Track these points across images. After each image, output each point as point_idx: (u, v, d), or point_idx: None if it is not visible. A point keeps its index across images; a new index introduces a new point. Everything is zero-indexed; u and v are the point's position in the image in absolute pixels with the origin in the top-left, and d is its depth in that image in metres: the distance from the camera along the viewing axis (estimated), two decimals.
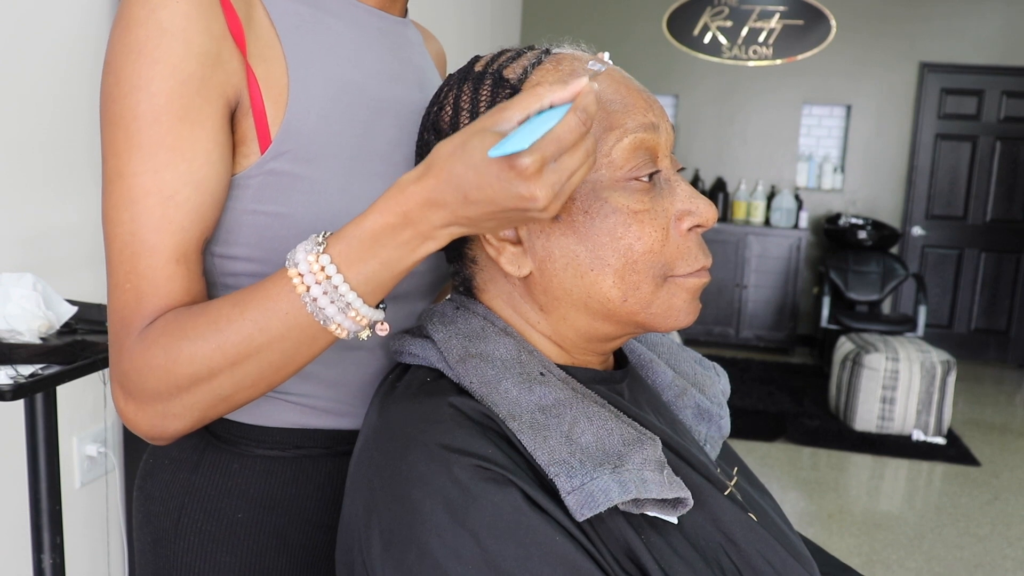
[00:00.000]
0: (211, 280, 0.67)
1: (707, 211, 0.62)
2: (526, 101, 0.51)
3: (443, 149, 0.53)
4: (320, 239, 0.55)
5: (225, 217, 0.65)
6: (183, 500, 0.71)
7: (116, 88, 0.58)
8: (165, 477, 0.72)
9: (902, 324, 4.66)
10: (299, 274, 0.55)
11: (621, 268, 0.60)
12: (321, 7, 0.69)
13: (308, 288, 0.55)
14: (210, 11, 0.59)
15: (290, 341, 0.57)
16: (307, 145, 0.64)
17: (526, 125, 0.50)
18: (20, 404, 1.12)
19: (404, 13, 0.79)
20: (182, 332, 0.57)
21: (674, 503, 0.57)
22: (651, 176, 0.61)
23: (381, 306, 0.60)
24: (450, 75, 0.67)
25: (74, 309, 1.09)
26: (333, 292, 0.55)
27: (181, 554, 0.71)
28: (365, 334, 0.59)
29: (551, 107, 0.51)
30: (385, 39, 0.73)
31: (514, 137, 0.48)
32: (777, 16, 5.38)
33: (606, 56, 0.67)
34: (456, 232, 0.55)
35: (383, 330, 0.60)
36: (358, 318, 0.56)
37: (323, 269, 0.54)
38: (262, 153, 0.63)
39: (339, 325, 0.56)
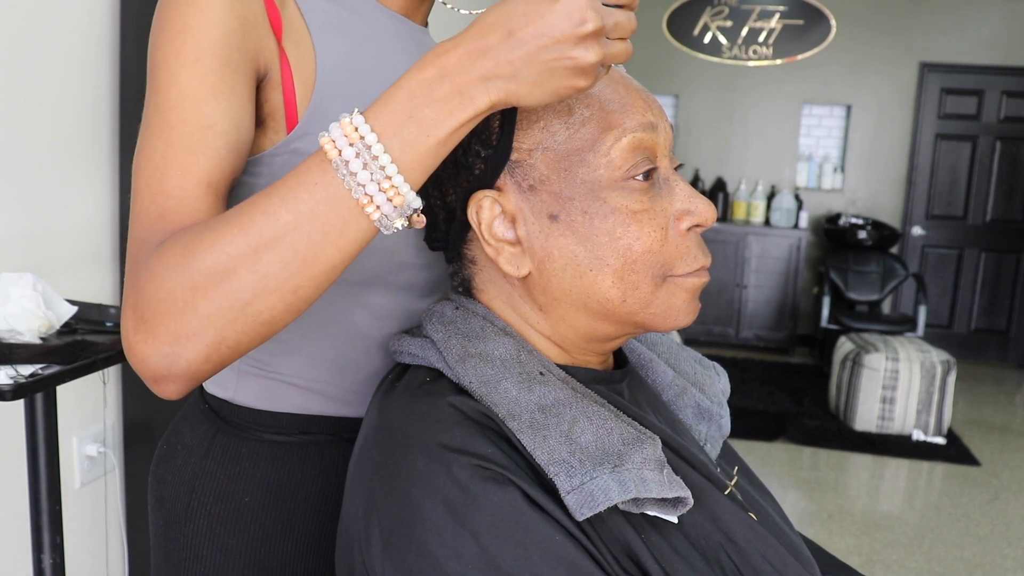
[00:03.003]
0: None
1: (706, 211, 0.62)
2: None
3: (490, 7, 0.53)
4: (355, 109, 0.54)
5: (249, 194, 0.66)
6: (194, 484, 0.73)
7: (162, 34, 0.60)
8: (177, 462, 0.75)
9: (902, 324, 4.66)
10: (331, 140, 0.52)
11: (620, 268, 0.60)
12: (348, 7, 0.71)
13: (340, 151, 0.52)
14: None
15: (319, 221, 0.52)
16: None
17: None
18: (20, 404, 1.12)
19: (425, 23, 0.82)
20: (203, 226, 0.54)
21: (674, 502, 0.57)
22: (649, 175, 0.61)
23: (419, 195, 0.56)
24: None
25: (74, 309, 1.09)
26: (366, 153, 0.52)
27: (190, 536, 0.72)
28: (399, 223, 0.54)
29: None
30: (407, 43, 0.76)
31: None
32: (777, 16, 5.38)
33: None
34: (495, 90, 0.52)
35: (419, 222, 0.57)
36: (391, 192, 0.52)
37: (356, 129, 0.52)
38: (288, 132, 0.65)
39: (371, 199, 0.52)
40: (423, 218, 0.57)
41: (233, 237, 0.52)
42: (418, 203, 0.54)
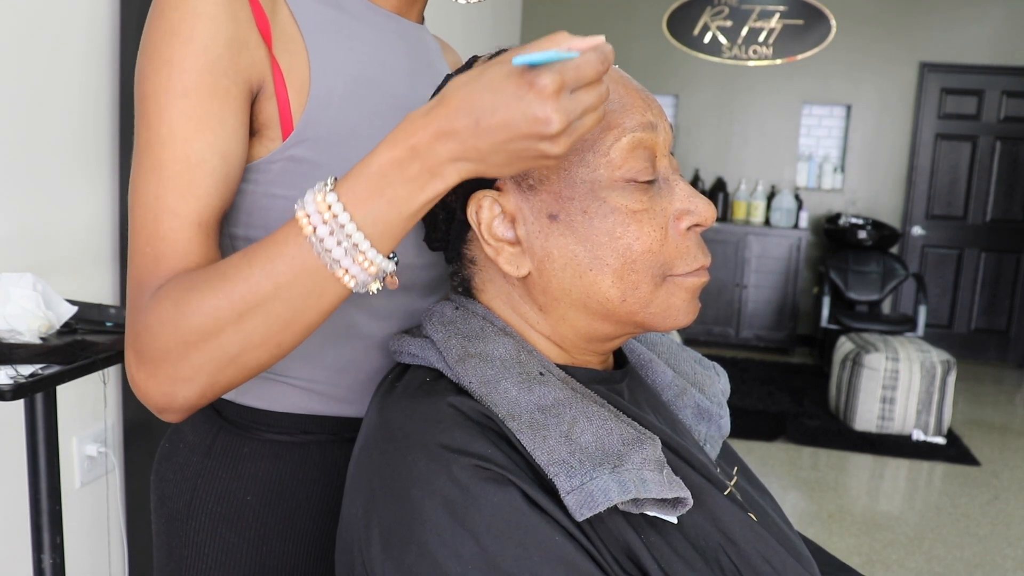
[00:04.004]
0: None
1: (706, 210, 0.62)
2: (544, 43, 0.51)
3: (457, 81, 0.53)
4: (329, 181, 0.55)
5: (245, 200, 0.67)
6: (196, 482, 0.73)
7: (149, 65, 0.60)
8: (179, 460, 0.75)
9: (902, 324, 4.65)
10: (306, 215, 0.54)
11: (620, 268, 0.60)
12: (341, 8, 0.71)
13: (315, 228, 0.54)
14: (238, 2, 0.62)
15: (297, 289, 0.55)
16: (326, 134, 0.67)
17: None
18: (20, 404, 1.12)
19: (421, 20, 0.81)
20: (191, 284, 0.57)
21: (674, 503, 0.57)
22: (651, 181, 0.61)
23: (392, 257, 0.59)
24: (448, 75, 0.68)
25: (74, 309, 1.09)
26: (340, 232, 0.54)
27: (192, 534, 0.73)
28: (375, 286, 0.58)
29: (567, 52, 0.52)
30: (402, 41, 0.76)
31: (536, 54, 0.49)
32: (777, 16, 5.38)
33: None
34: (464, 169, 0.54)
35: (393, 283, 0.60)
36: (366, 263, 0.55)
37: (330, 208, 0.54)
38: (284, 140, 0.65)
39: (346, 271, 0.55)
40: (396, 280, 0.60)
41: (219, 302, 0.55)
42: (391, 267, 0.57)
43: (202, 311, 0.56)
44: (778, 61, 5.42)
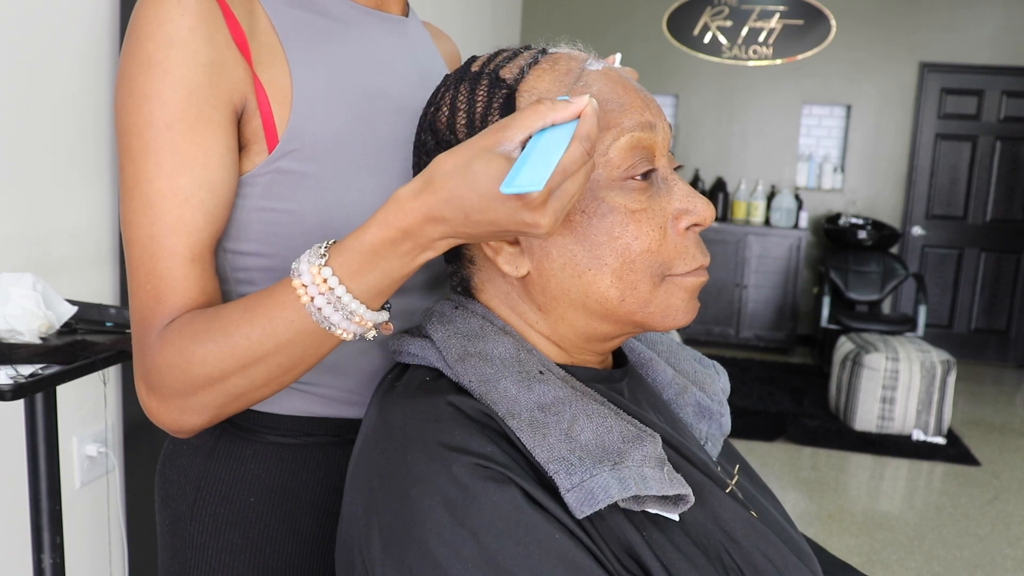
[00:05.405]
0: (223, 276, 0.70)
1: (705, 210, 0.62)
2: (528, 120, 0.52)
3: (444, 165, 0.53)
4: (323, 250, 0.57)
5: (235, 215, 0.67)
6: (199, 484, 0.74)
7: (129, 99, 0.61)
8: (183, 462, 0.76)
9: (902, 324, 4.65)
10: (303, 285, 0.57)
11: (619, 267, 0.60)
12: (321, 11, 0.71)
13: (312, 299, 0.57)
14: (214, 23, 0.62)
15: (297, 345, 0.59)
16: (312, 144, 0.67)
17: (530, 148, 0.50)
18: (20, 404, 1.12)
19: (405, 11, 0.80)
20: (195, 335, 0.59)
21: (675, 500, 0.57)
22: (648, 175, 0.61)
23: (386, 306, 0.61)
24: (447, 76, 0.68)
25: (74, 309, 1.09)
26: (337, 302, 0.57)
27: (196, 535, 0.74)
28: (371, 335, 0.60)
29: (552, 124, 0.51)
30: (385, 38, 0.75)
31: (523, 168, 0.49)
32: (777, 16, 5.38)
33: (617, 58, 0.67)
34: (454, 242, 0.56)
35: (387, 329, 0.62)
36: (362, 322, 0.58)
37: (325, 281, 0.56)
38: (270, 152, 0.66)
39: (344, 329, 0.58)
40: (391, 326, 0.62)
41: (223, 355, 0.59)
42: (385, 317, 0.60)
43: (207, 363, 0.59)
44: (778, 61, 5.42)
